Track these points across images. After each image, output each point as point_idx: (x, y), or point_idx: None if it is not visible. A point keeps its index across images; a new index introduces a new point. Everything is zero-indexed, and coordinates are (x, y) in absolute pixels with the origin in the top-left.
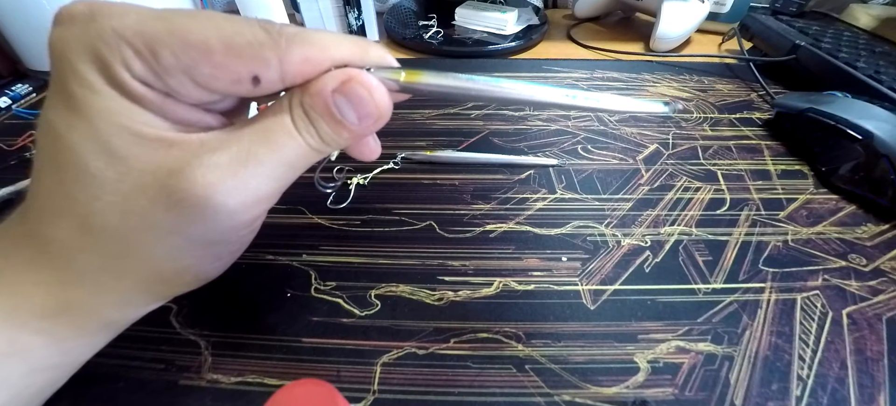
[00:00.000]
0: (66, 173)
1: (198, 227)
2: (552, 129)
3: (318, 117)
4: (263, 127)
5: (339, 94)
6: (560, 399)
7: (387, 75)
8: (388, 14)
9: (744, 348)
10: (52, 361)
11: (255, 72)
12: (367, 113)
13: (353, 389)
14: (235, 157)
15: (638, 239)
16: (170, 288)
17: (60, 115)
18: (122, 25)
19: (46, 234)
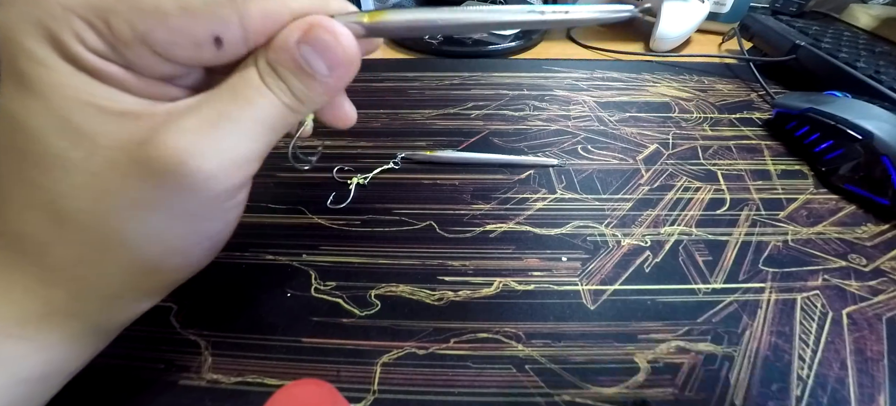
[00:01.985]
0: (28, 159)
1: (176, 198)
2: (552, 129)
3: (286, 72)
4: (230, 85)
5: (304, 44)
6: (560, 399)
7: (351, 20)
8: None
9: (744, 348)
10: (38, 371)
11: (216, 32)
12: (336, 61)
13: (353, 389)
14: (205, 118)
15: (638, 239)
16: (157, 279)
17: (15, 98)
18: (71, 0)
19: (17, 231)
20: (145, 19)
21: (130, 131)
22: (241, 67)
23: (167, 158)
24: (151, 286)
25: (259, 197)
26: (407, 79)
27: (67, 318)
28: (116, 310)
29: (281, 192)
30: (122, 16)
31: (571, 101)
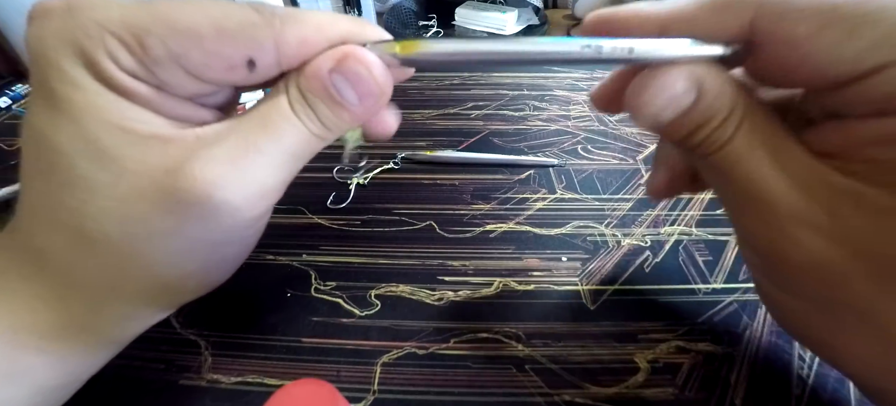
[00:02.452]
0: (56, 179)
1: (200, 227)
2: (552, 129)
3: (316, 100)
4: (261, 114)
5: (337, 74)
6: (560, 399)
7: (384, 50)
8: (388, 14)
9: (744, 348)
10: (55, 382)
11: (250, 55)
12: (367, 91)
13: (353, 389)
14: (235, 148)
15: (638, 239)
16: (173, 297)
17: (44, 116)
18: (104, 17)
19: (40, 247)
20: (181, 41)
21: (159, 157)
22: (272, 95)
23: (195, 190)
24: (168, 302)
25: None
26: (407, 79)
27: (85, 332)
28: (132, 323)
29: None
30: (157, 36)
31: (571, 101)
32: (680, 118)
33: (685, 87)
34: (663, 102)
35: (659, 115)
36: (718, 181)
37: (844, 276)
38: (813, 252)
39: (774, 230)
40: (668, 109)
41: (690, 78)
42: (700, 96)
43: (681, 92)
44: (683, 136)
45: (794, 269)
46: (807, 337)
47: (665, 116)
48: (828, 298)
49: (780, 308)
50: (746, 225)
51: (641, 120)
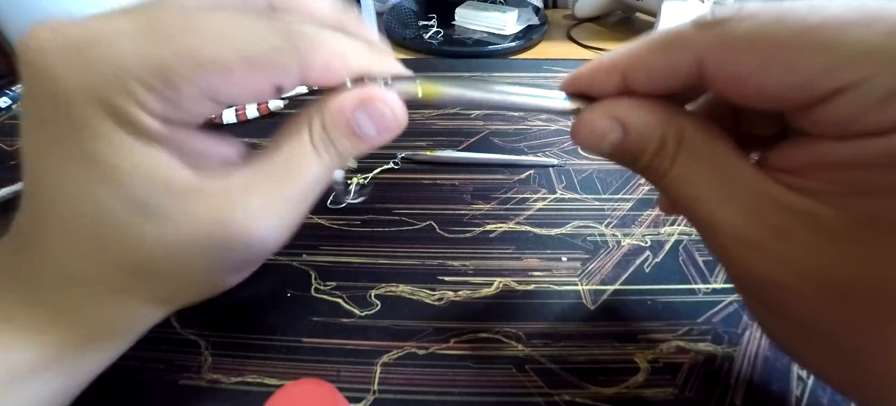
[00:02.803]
0: (92, 232)
1: (233, 258)
2: (552, 128)
3: (338, 136)
4: (286, 159)
5: (361, 111)
6: (560, 399)
7: (405, 88)
8: (388, 14)
9: (744, 348)
10: (74, 391)
11: (277, 82)
12: (386, 128)
13: (353, 389)
14: (270, 199)
15: (638, 239)
16: (185, 300)
17: (81, 177)
18: (121, 57)
19: (64, 303)
20: (210, 77)
21: (202, 207)
22: (293, 134)
23: (243, 235)
24: (178, 304)
25: None
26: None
27: (98, 342)
28: (142, 327)
29: None
30: (184, 76)
31: None
32: (616, 151)
33: (607, 125)
34: (592, 138)
35: (595, 148)
36: (677, 205)
37: (798, 297)
38: (762, 273)
39: (722, 252)
40: (600, 144)
41: (608, 116)
42: (625, 131)
43: (605, 129)
44: (629, 164)
45: (752, 285)
46: (781, 345)
47: (602, 150)
48: (787, 312)
49: (757, 317)
50: (707, 244)
51: (585, 150)
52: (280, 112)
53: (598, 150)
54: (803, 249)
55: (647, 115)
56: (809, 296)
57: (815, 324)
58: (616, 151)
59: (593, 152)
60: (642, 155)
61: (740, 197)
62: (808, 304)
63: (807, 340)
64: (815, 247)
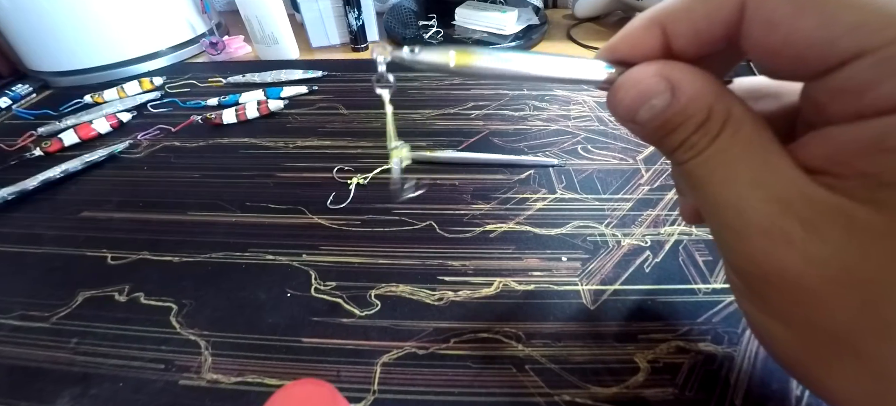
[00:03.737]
0: None
1: None
2: (552, 129)
3: None
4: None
5: None
6: (560, 399)
7: (436, 58)
8: (388, 14)
9: (744, 348)
10: None
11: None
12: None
13: (353, 389)
14: None
15: (638, 239)
16: None
17: None
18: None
19: None
20: None
21: None
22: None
23: None
24: None
25: (259, 197)
26: (407, 78)
27: None
28: None
29: (281, 192)
30: None
31: (571, 101)
32: (656, 118)
33: (656, 84)
34: (637, 99)
35: (633, 113)
36: (696, 191)
37: (822, 300)
38: (787, 270)
39: (747, 244)
40: (641, 107)
41: (661, 75)
42: (674, 96)
43: (653, 89)
44: (661, 138)
45: (768, 286)
46: (793, 366)
47: (641, 116)
48: (807, 322)
49: (764, 333)
50: (724, 238)
51: (619, 117)
52: (280, 112)
53: (635, 115)
54: (833, 246)
55: (701, 81)
56: (835, 297)
57: (836, 330)
58: (655, 118)
59: (628, 119)
60: (684, 126)
61: (774, 185)
62: (833, 306)
63: (823, 352)
64: (847, 244)
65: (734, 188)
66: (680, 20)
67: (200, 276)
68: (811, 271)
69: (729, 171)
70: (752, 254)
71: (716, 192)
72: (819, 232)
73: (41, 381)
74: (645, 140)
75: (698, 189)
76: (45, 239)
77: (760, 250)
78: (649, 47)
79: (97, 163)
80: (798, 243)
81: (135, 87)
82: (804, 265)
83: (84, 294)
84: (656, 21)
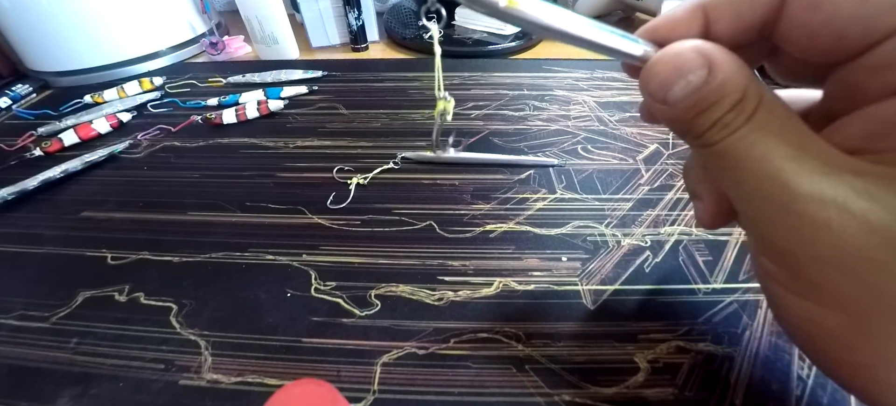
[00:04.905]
0: None
1: None
2: (552, 129)
3: None
4: None
5: None
6: (560, 399)
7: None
8: (388, 14)
9: (744, 348)
10: None
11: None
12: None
13: (353, 389)
14: None
15: (638, 239)
16: None
17: None
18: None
19: None
20: None
21: None
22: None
23: None
24: None
25: (259, 197)
26: (407, 79)
27: None
28: None
29: (281, 192)
30: None
31: (571, 100)
32: (691, 95)
33: (694, 59)
34: (673, 74)
35: (667, 89)
36: (730, 171)
37: (885, 269)
38: (845, 241)
39: (795, 217)
40: (677, 83)
41: (700, 51)
42: (711, 73)
43: (691, 64)
44: (693, 118)
45: (822, 264)
46: (843, 363)
47: (674, 93)
48: (867, 300)
49: (809, 328)
50: (763, 216)
51: (652, 93)
52: (280, 112)
53: (669, 92)
54: (893, 212)
55: (737, 62)
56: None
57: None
58: (690, 96)
59: (661, 96)
60: (719, 105)
61: (819, 156)
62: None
63: (884, 336)
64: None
65: (777, 162)
66: (724, 3)
67: (200, 276)
68: (873, 239)
69: (768, 147)
70: (802, 229)
71: (756, 167)
72: (875, 199)
73: (41, 381)
74: (672, 122)
75: (734, 169)
76: (45, 239)
77: (813, 224)
78: (690, 30)
79: (97, 163)
80: (856, 210)
81: (135, 87)
82: (866, 233)
83: (84, 294)
84: (700, 5)
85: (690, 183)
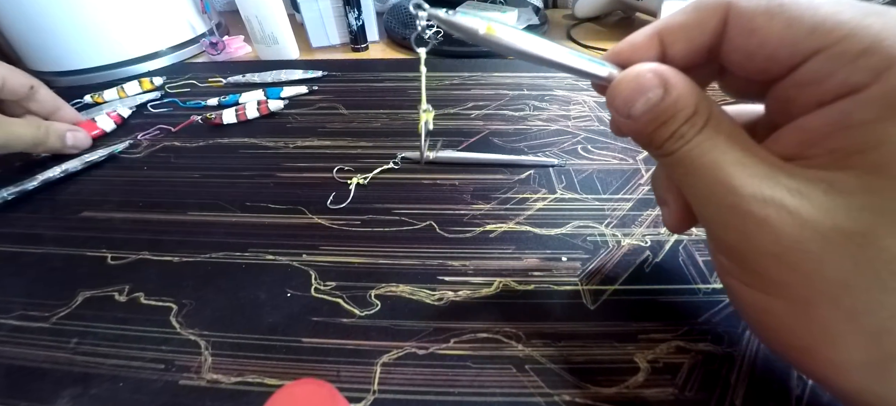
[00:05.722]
0: None
1: None
2: (552, 129)
3: None
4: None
5: None
6: (560, 399)
7: (470, 24)
8: (388, 14)
9: (744, 348)
10: None
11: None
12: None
13: (353, 389)
14: None
15: (638, 239)
16: None
17: None
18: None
19: None
20: None
21: None
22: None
23: None
24: None
25: (259, 197)
26: (407, 79)
27: None
28: None
29: (281, 192)
30: None
31: (571, 101)
32: (649, 110)
33: (652, 80)
34: (635, 91)
35: (630, 105)
36: (687, 177)
37: (819, 259)
38: (784, 235)
39: (740, 216)
40: (638, 100)
41: (657, 73)
42: (667, 91)
43: (649, 83)
44: (653, 131)
45: (765, 256)
46: (790, 347)
47: (635, 109)
48: (805, 286)
49: (760, 314)
50: (715, 216)
51: (617, 108)
52: (280, 112)
53: (632, 107)
54: (822, 208)
55: (688, 82)
56: (830, 254)
57: (834, 291)
58: (650, 111)
59: (625, 111)
60: (674, 118)
61: (759, 164)
62: (829, 264)
63: (821, 319)
64: (833, 204)
65: (724, 168)
66: (676, 30)
67: (200, 276)
68: (806, 233)
69: (717, 155)
70: (747, 227)
71: (707, 173)
72: (807, 197)
73: (41, 381)
74: (635, 135)
75: (690, 175)
76: (45, 239)
77: (755, 221)
78: (648, 54)
79: (97, 163)
80: (791, 208)
81: (135, 87)
82: (799, 228)
83: (84, 294)
84: (656, 32)
85: (658, 190)
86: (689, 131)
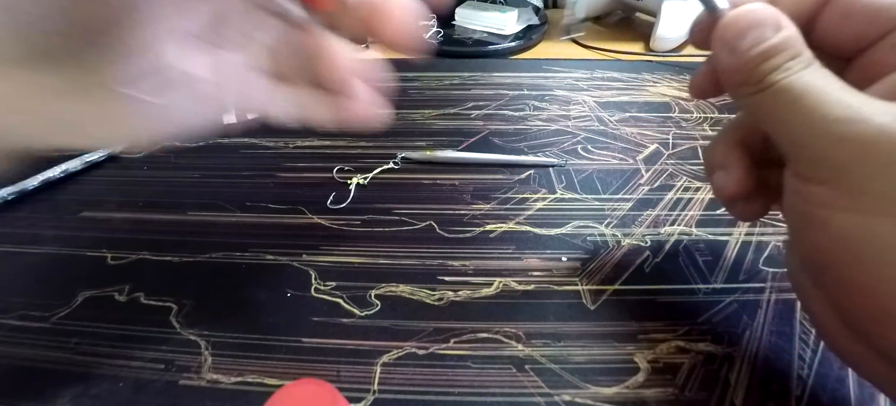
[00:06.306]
0: None
1: None
2: (552, 129)
3: None
4: None
5: None
6: (560, 399)
7: None
8: None
9: (744, 348)
10: None
11: None
12: None
13: (353, 389)
14: None
15: (638, 239)
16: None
17: None
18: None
19: None
20: None
21: None
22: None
23: None
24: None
25: (259, 197)
26: (407, 79)
27: None
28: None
29: (281, 192)
30: None
31: (571, 101)
32: (763, 44)
33: (769, 16)
34: (751, 21)
35: (743, 34)
36: (786, 107)
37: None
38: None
39: (851, 124)
40: (751, 35)
41: (772, 11)
42: (782, 28)
43: (765, 19)
44: (758, 65)
45: (878, 166)
46: (887, 275)
47: (747, 41)
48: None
49: (852, 244)
50: (815, 134)
51: (726, 40)
52: None
53: (741, 41)
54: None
55: (796, 28)
56: None
57: None
58: (761, 44)
59: (733, 44)
60: (785, 53)
61: (863, 94)
62: None
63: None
64: None
65: (836, 91)
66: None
67: (200, 276)
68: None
69: (828, 81)
70: (858, 136)
71: (817, 94)
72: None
73: (41, 381)
74: (736, 72)
75: (791, 103)
76: (45, 239)
77: (868, 129)
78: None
79: (97, 163)
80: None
81: None
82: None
83: (84, 294)
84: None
85: (718, 155)
86: (795, 65)
